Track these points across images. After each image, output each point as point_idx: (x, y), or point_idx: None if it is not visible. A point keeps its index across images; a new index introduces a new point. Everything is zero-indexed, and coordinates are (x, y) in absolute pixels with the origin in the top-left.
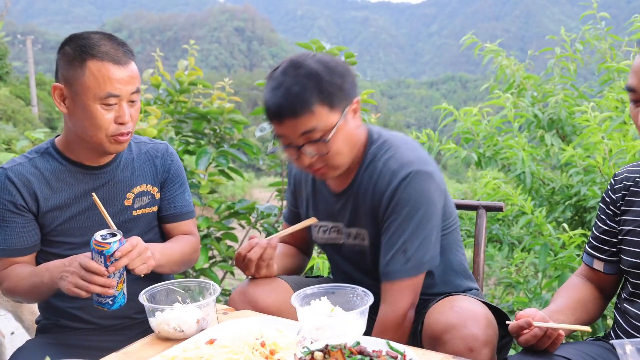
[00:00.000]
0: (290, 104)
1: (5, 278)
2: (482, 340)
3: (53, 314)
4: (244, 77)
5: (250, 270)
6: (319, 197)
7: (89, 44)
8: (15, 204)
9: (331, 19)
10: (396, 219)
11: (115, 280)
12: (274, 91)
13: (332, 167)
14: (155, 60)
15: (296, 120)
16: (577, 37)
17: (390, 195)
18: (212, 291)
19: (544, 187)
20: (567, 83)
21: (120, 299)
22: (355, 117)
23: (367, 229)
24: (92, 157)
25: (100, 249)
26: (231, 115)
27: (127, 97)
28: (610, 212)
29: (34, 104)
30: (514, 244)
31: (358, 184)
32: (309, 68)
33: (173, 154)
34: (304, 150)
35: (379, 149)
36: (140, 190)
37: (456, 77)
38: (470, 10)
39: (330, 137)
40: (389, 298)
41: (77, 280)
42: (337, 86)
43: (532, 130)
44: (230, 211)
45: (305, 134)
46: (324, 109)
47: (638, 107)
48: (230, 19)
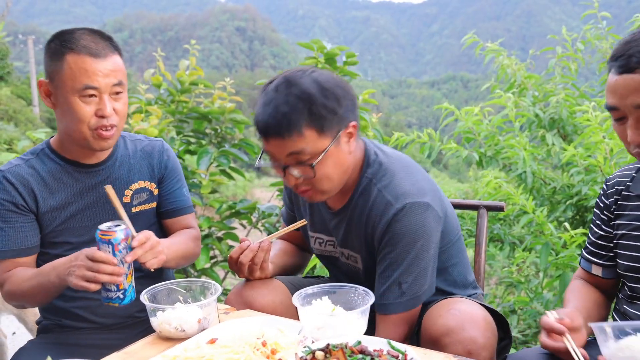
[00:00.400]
0: (278, 123)
1: (7, 281)
2: (481, 343)
3: (55, 314)
4: (245, 76)
5: (243, 273)
6: (316, 210)
7: (69, 38)
8: (16, 204)
9: (332, 19)
10: (391, 251)
11: (124, 269)
12: (263, 107)
13: (318, 191)
14: (157, 60)
15: (282, 140)
16: (579, 36)
17: (384, 227)
18: (213, 291)
19: (545, 186)
20: (568, 83)
21: (131, 293)
22: (350, 142)
23: (359, 254)
24: (85, 154)
25: (107, 237)
26: (232, 115)
27: (107, 89)
28: (605, 217)
29: (35, 103)
30: (515, 244)
31: (353, 207)
32: (302, 88)
33: (169, 150)
34: (289, 170)
35: (375, 174)
36: (138, 187)
37: (457, 77)
38: (472, 10)
39: (317, 162)
40: (382, 331)
41: (85, 272)
42: (330, 110)
43: (533, 129)
44: (231, 211)
45: (292, 155)
46: (313, 133)
47: (622, 124)
48: (231, 19)
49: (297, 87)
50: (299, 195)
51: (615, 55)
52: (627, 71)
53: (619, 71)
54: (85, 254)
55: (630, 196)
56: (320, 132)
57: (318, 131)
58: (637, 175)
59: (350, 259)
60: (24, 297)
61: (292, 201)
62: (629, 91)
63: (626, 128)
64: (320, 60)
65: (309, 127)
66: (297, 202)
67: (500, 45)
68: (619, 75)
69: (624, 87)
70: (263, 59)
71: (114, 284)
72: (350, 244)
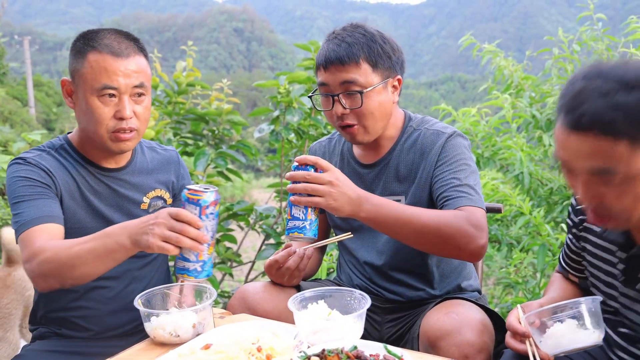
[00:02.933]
0: (340, 51)
1: (45, 247)
2: (477, 347)
3: (53, 323)
4: (243, 77)
5: (284, 278)
6: (348, 170)
7: (93, 36)
8: (42, 182)
9: (330, 20)
10: (451, 164)
11: (208, 236)
12: (328, 42)
13: (362, 126)
14: (153, 62)
15: (341, 67)
16: (575, 38)
17: (439, 149)
18: (208, 295)
19: (542, 187)
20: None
21: (209, 268)
22: (394, 93)
23: (404, 194)
24: (105, 158)
25: (196, 197)
26: (229, 117)
27: (127, 90)
28: (573, 235)
29: (31, 105)
30: (512, 244)
31: (398, 152)
32: (366, 29)
33: (182, 161)
34: (339, 99)
35: (419, 123)
36: (155, 195)
37: (455, 78)
38: (469, 11)
39: (366, 91)
40: (468, 212)
41: (165, 232)
42: (386, 52)
43: (530, 130)
44: (228, 212)
45: (345, 84)
46: (368, 67)
47: (572, 177)
48: (229, 20)
49: (362, 28)
50: (328, 159)
51: (565, 108)
52: (578, 129)
53: (570, 128)
54: (169, 211)
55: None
56: (374, 68)
57: (372, 66)
58: None
59: None
60: (71, 263)
61: None
62: (579, 155)
63: (577, 183)
64: None
65: (365, 61)
66: None
67: (498, 46)
68: (571, 132)
69: (576, 149)
70: (261, 60)
71: (194, 252)
72: (392, 190)
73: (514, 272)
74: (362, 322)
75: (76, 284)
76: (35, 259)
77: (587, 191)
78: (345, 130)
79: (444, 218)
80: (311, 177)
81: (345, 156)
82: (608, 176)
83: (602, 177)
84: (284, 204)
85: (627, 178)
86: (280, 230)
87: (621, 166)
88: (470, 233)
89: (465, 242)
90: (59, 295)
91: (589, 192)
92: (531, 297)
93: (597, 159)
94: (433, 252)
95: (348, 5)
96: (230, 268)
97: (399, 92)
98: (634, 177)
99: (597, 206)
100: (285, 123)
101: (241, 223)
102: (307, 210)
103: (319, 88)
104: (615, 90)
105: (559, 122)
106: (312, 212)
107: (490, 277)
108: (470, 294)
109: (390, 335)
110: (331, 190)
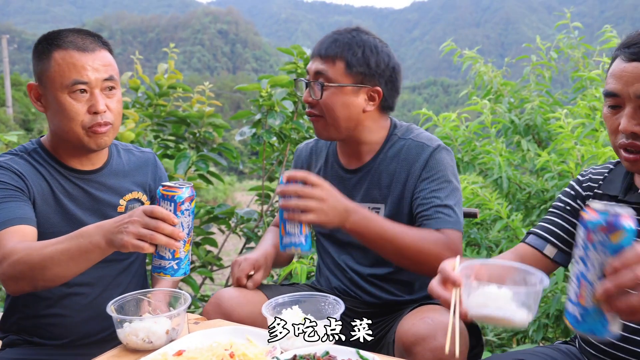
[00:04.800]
0: (324, 45)
1: (15, 249)
2: (452, 352)
3: (25, 332)
4: (227, 79)
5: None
6: (331, 174)
7: (56, 36)
8: (15, 186)
9: (315, 23)
10: (432, 181)
11: (184, 233)
12: (325, 35)
13: (323, 120)
14: (135, 63)
15: (319, 59)
16: (552, 45)
17: (423, 163)
18: (182, 301)
19: (521, 191)
20: (543, 90)
21: (185, 266)
22: (369, 103)
23: (384, 202)
24: (79, 159)
25: (170, 194)
26: (211, 119)
27: (98, 84)
28: (577, 206)
29: (9, 104)
30: (491, 248)
31: (381, 160)
32: (362, 35)
33: (159, 163)
34: (310, 86)
35: (404, 132)
36: (132, 198)
37: (438, 82)
38: (452, 17)
39: (328, 86)
40: (446, 237)
41: (140, 230)
42: (366, 60)
43: (509, 135)
44: (209, 216)
45: (318, 74)
46: (342, 66)
47: (615, 113)
48: (213, 22)
49: (358, 33)
50: (313, 165)
51: (629, 43)
52: (638, 59)
53: (631, 58)
54: (143, 209)
55: (603, 195)
56: (348, 70)
57: (346, 68)
58: (609, 175)
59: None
60: (43, 265)
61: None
62: (635, 79)
63: (618, 118)
64: (300, 65)
65: (342, 60)
66: None
67: (479, 51)
68: (629, 63)
69: (632, 74)
70: (245, 62)
71: (169, 250)
72: (372, 197)
73: None
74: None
75: (48, 286)
76: (6, 261)
77: (632, 118)
78: (311, 119)
79: (426, 241)
80: (304, 193)
81: (329, 159)
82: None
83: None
84: (265, 207)
85: None
86: (261, 233)
87: None
88: (446, 258)
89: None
90: (31, 302)
91: (634, 119)
92: None
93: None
94: (408, 268)
95: (333, 9)
96: (210, 272)
97: (376, 103)
98: None
99: (636, 138)
100: (267, 126)
101: (222, 226)
102: (301, 225)
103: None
104: None
105: (618, 58)
106: (307, 227)
107: None
108: None
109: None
110: (322, 207)
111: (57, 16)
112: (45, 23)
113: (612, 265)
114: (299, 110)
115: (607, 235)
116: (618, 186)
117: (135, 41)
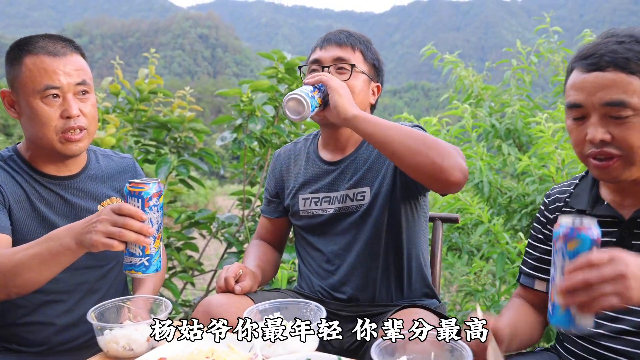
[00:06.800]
0: (340, 37)
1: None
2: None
3: (2, 338)
4: (208, 84)
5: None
6: (313, 168)
7: (27, 42)
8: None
9: (295, 28)
10: None
11: (153, 229)
12: (329, 32)
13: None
14: (115, 68)
15: (337, 47)
16: (532, 49)
17: None
18: (163, 307)
19: (502, 195)
20: (523, 94)
21: (157, 262)
22: (371, 95)
23: (368, 186)
24: (56, 165)
25: (137, 190)
26: (192, 124)
27: (70, 89)
28: (548, 232)
29: None
30: (473, 252)
31: (363, 151)
32: (365, 37)
33: (139, 168)
34: (329, 70)
35: None
36: (110, 203)
37: (419, 86)
38: (432, 21)
39: (356, 68)
40: None
41: (108, 227)
42: (375, 57)
43: (489, 140)
44: (190, 221)
45: (337, 60)
46: (361, 56)
47: (580, 124)
48: (194, 26)
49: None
50: (292, 165)
51: (585, 55)
52: (597, 69)
53: (590, 69)
54: (111, 207)
55: (571, 212)
56: (365, 60)
57: (364, 58)
58: (575, 190)
59: (355, 199)
60: (14, 271)
61: (284, 178)
62: (597, 88)
63: (585, 128)
64: (281, 70)
65: (360, 51)
66: (288, 176)
67: (460, 55)
68: (588, 73)
69: (593, 84)
70: (226, 67)
71: (139, 247)
72: (357, 182)
73: (474, 280)
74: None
75: (22, 293)
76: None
77: (600, 126)
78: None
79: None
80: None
81: (310, 157)
82: (622, 109)
83: (616, 109)
84: (246, 212)
85: (638, 113)
86: (242, 238)
87: (634, 100)
88: (454, 153)
89: (448, 154)
90: (9, 310)
91: (602, 127)
92: (490, 304)
93: (614, 91)
94: (412, 163)
95: (313, 13)
96: (191, 277)
97: (375, 98)
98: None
99: (605, 145)
100: (248, 131)
101: (203, 231)
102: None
103: (309, 66)
104: (628, 41)
105: (576, 70)
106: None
107: (453, 284)
108: (429, 301)
109: (350, 345)
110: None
111: (37, 21)
112: (25, 28)
113: (567, 268)
114: (279, 114)
115: (566, 243)
116: (585, 200)
117: (116, 46)
